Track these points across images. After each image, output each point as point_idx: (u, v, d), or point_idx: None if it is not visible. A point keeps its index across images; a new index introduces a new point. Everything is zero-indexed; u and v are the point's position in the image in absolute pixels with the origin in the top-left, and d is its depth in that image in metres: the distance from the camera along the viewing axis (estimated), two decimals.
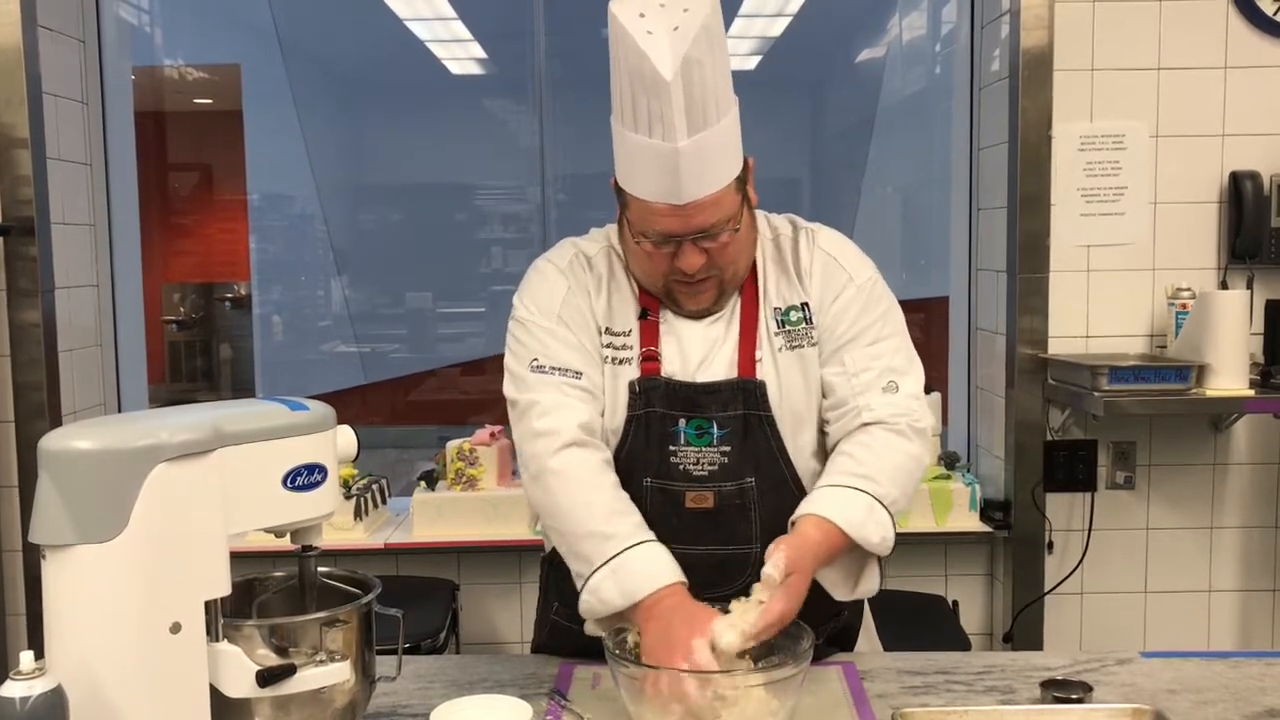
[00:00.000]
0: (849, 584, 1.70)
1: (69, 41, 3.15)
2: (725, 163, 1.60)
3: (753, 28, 4.65)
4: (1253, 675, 1.70)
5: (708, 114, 1.55)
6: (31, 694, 1.15)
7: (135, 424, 1.28)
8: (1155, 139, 3.01)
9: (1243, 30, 2.98)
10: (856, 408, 1.69)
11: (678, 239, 1.61)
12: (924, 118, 4.02)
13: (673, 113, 1.52)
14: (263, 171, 4.64)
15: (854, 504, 1.62)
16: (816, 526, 1.59)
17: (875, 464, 1.65)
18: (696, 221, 1.59)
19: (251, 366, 5.16)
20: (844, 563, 1.67)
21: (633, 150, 1.58)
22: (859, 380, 1.70)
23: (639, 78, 1.52)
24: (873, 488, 1.63)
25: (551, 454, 1.65)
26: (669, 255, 1.64)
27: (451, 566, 3.22)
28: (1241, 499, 3.14)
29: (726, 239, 1.63)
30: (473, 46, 4.90)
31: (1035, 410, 3.05)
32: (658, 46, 1.51)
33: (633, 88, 1.54)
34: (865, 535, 1.61)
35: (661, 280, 1.69)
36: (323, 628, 1.38)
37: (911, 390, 1.72)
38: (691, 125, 1.53)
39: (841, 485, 1.64)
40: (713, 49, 1.54)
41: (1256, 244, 2.95)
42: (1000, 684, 1.67)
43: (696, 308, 1.72)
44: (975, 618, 3.27)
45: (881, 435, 1.68)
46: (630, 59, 1.53)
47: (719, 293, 1.71)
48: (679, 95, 1.51)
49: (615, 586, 1.57)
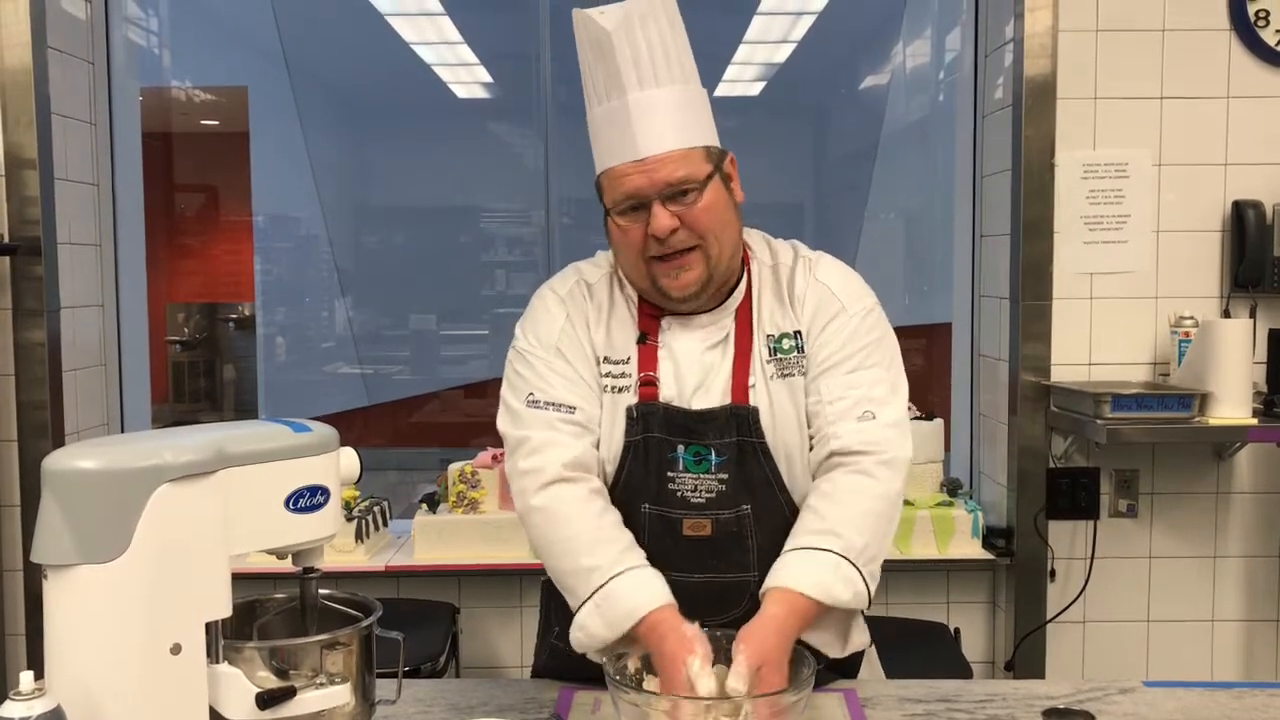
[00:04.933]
0: (840, 643, 1.70)
1: (78, 63, 3.17)
2: (686, 126, 1.65)
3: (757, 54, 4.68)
4: (1256, 706, 1.69)
5: (658, 72, 1.63)
6: (31, 714, 1.15)
7: (138, 444, 1.29)
8: (1158, 167, 3.02)
9: (1245, 60, 3.00)
10: (826, 435, 1.67)
11: (646, 200, 1.62)
12: (927, 144, 4.04)
13: (618, 64, 1.62)
14: (268, 193, 4.66)
15: (816, 566, 1.58)
16: (780, 602, 1.55)
17: (837, 515, 1.61)
18: (660, 176, 1.61)
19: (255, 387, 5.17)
20: (829, 624, 1.66)
21: (598, 125, 1.67)
22: (833, 409, 1.68)
23: (592, 46, 1.64)
24: (835, 544, 1.59)
25: (534, 492, 1.66)
26: (642, 227, 1.63)
27: (452, 590, 3.21)
28: (1244, 528, 3.13)
29: (694, 200, 1.63)
30: (479, 70, 4.93)
31: (1038, 437, 3.05)
32: (606, 11, 1.63)
33: (589, 62, 1.66)
34: (835, 595, 1.57)
35: (644, 265, 1.67)
36: (323, 650, 1.38)
37: (889, 419, 1.68)
38: (641, 79, 1.62)
39: (805, 548, 1.60)
40: (661, 16, 1.64)
41: (1259, 273, 2.96)
42: (1002, 712, 1.66)
43: (682, 293, 1.67)
44: (977, 645, 3.25)
45: (844, 480, 1.64)
46: (585, 32, 1.65)
47: (705, 276, 1.67)
48: (624, 46, 1.62)
49: (600, 620, 1.57)
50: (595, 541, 1.61)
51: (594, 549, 1.61)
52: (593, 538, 1.62)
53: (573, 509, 1.64)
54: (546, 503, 1.65)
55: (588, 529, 1.63)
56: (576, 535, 1.62)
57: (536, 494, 1.65)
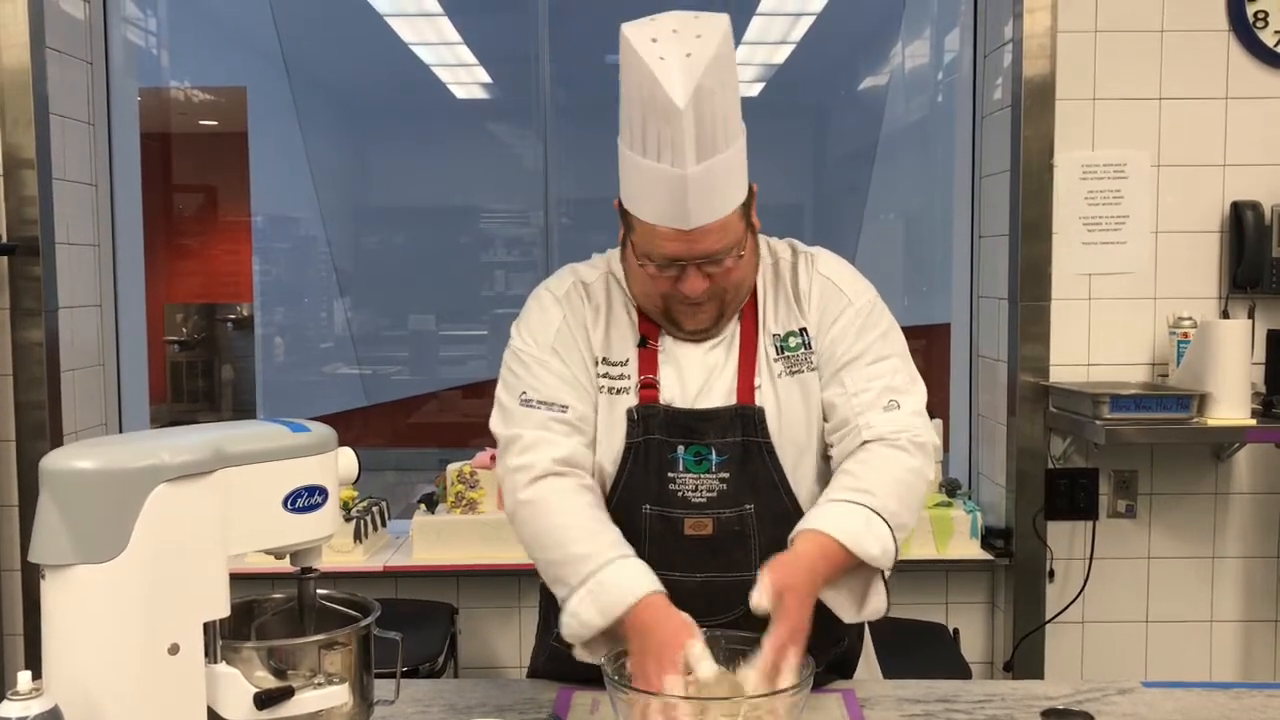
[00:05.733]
0: (855, 605, 1.68)
1: (77, 63, 3.17)
2: (732, 189, 1.60)
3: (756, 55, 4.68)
4: (1254, 707, 1.69)
5: (717, 141, 1.55)
6: (28, 714, 1.15)
7: (136, 444, 1.29)
8: (1157, 168, 3.02)
9: (1244, 61, 3.00)
10: (857, 427, 1.69)
11: (682, 263, 1.62)
12: (926, 145, 4.03)
13: (683, 140, 1.52)
14: (267, 193, 4.66)
15: (850, 516, 1.60)
16: (811, 541, 1.57)
17: (872, 478, 1.64)
18: (701, 247, 1.60)
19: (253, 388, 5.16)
20: (848, 583, 1.65)
21: (640, 174, 1.58)
22: (859, 400, 1.70)
23: (651, 104, 1.52)
24: (870, 500, 1.61)
25: (523, 487, 1.66)
26: (671, 279, 1.64)
27: (451, 590, 3.21)
28: (1243, 529, 3.13)
29: (730, 264, 1.64)
30: (478, 71, 4.92)
31: (1037, 438, 3.05)
32: (670, 73, 1.51)
33: (644, 112, 1.54)
34: (863, 547, 1.59)
35: (661, 302, 1.69)
36: (321, 650, 1.38)
37: (913, 408, 1.71)
38: (701, 152, 1.53)
39: (838, 500, 1.63)
40: (723, 78, 1.55)
41: (1258, 273, 2.96)
42: (1001, 713, 1.66)
43: (695, 328, 1.72)
44: (976, 646, 3.25)
45: (880, 451, 1.67)
46: (642, 84, 1.53)
47: (718, 315, 1.71)
48: (690, 123, 1.51)
49: (593, 605, 1.57)
50: (586, 531, 1.62)
51: (585, 538, 1.61)
52: (584, 527, 1.62)
53: (562, 501, 1.65)
54: (535, 496, 1.65)
55: (579, 520, 1.63)
56: (567, 525, 1.63)
57: (525, 489, 1.66)
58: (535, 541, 1.67)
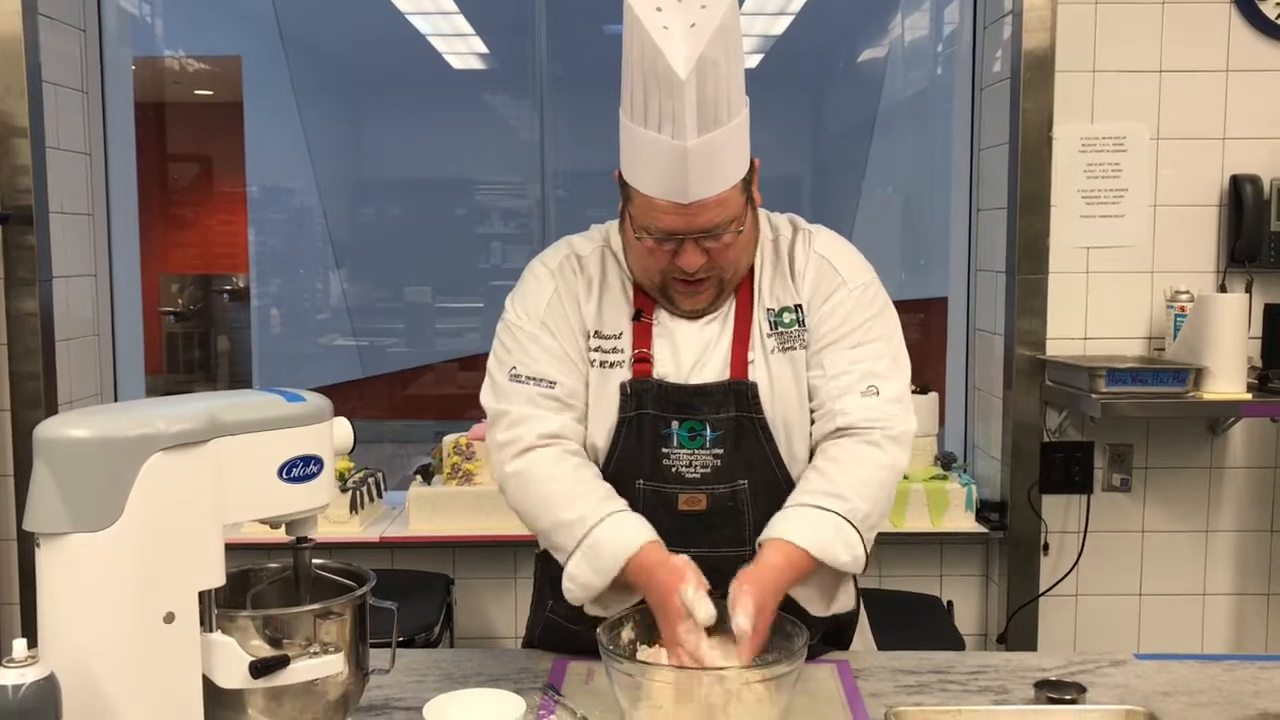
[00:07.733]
0: (824, 601, 1.71)
1: (70, 31, 3.14)
2: (733, 164, 1.58)
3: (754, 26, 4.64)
4: (1246, 679, 1.70)
5: (719, 114, 1.53)
6: (24, 682, 1.15)
7: (131, 413, 1.28)
8: (1156, 141, 3.01)
9: (1245, 34, 2.98)
10: (832, 411, 1.68)
11: (680, 237, 1.61)
12: (925, 118, 4.01)
13: (685, 111, 1.50)
14: (262, 164, 4.63)
15: (820, 525, 1.60)
16: (779, 551, 1.58)
17: (844, 480, 1.63)
18: (700, 221, 1.58)
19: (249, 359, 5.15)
20: (818, 581, 1.67)
21: (640, 145, 1.56)
22: (837, 383, 1.69)
23: (652, 74, 1.51)
24: (840, 505, 1.61)
25: (509, 460, 1.68)
26: (669, 253, 1.63)
27: (446, 561, 3.22)
28: (1238, 503, 3.14)
29: (729, 240, 1.63)
30: (474, 41, 4.89)
31: (1032, 411, 3.05)
32: (673, 43, 1.49)
33: (645, 83, 1.52)
34: (835, 556, 1.60)
35: (659, 277, 1.68)
36: (317, 620, 1.38)
37: (892, 395, 1.69)
38: (702, 124, 1.52)
39: (808, 505, 1.62)
40: (728, 49, 1.52)
41: (1256, 248, 2.95)
42: (994, 684, 1.67)
43: (692, 307, 1.71)
44: (970, 618, 3.27)
45: (851, 447, 1.66)
46: (645, 54, 1.51)
47: (716, 293, 1.71)
48: (692, 94, 1.49)
49: (589, 568, 1.59)
50: (573, 495, 1.63)
51: (572, 502, 1.62)
52: (570, 492, 1.64)
53: (547, 469, 1.66)
54: (520, 468, 1.67)
55: (563, 485, 1.65)
56: (552, 493, 1.64)
57: (511, 461, 1.68)
58: (525, 512, 1.69)
